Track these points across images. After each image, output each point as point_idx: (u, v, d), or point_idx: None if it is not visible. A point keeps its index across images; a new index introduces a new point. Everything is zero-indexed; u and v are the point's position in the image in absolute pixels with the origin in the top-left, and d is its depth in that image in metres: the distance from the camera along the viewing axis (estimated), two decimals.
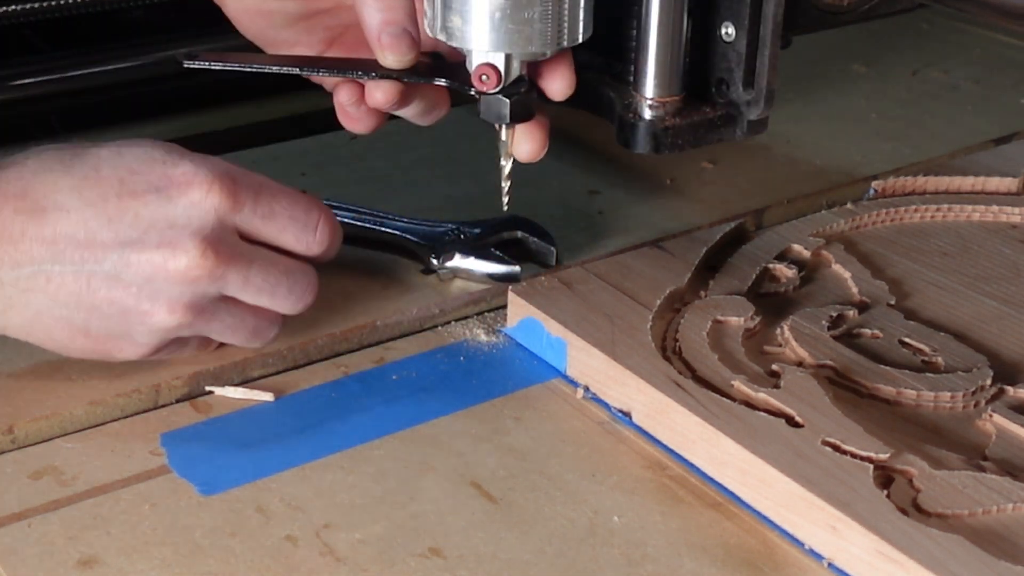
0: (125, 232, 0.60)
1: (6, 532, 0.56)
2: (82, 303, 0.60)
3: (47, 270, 0.60)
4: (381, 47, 0.65)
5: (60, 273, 0.60)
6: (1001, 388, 0.65)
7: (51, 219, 0.60)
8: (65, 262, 0.60)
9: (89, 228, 0.60)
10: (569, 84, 0.66)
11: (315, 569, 0.55)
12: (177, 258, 0.60)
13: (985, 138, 0.97)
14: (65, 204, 0.60)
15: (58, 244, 0.60)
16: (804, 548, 0.57)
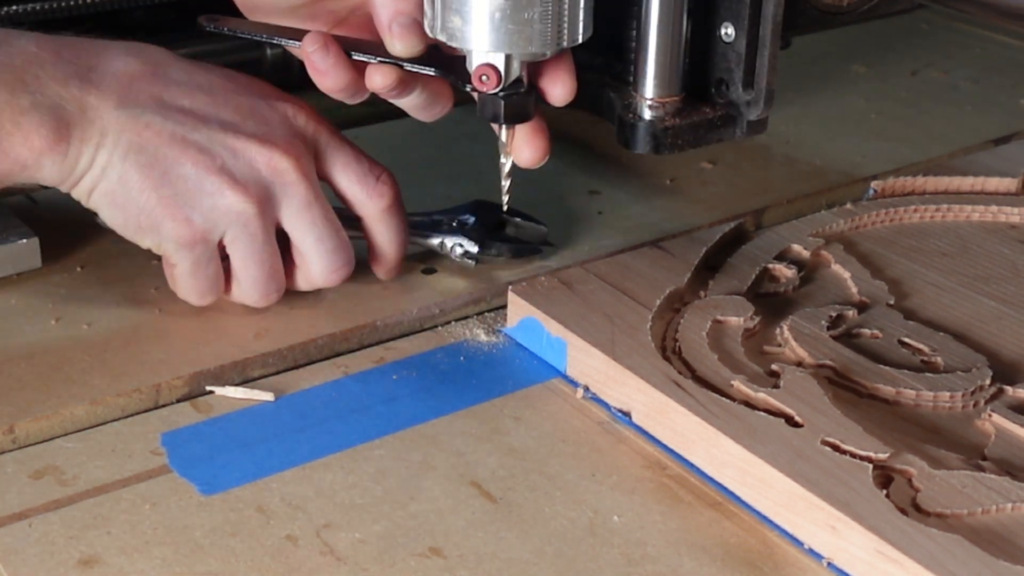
0: (228, 116, 0.66)
1: (7, 532, 0.56)
2: (170, 156, 0.65)
3: (149, 119, 0.65)
4: (391, 35, 0.65)
5: (160, 124, 0.65)
6: (1000, 388, 0.65)
7: (164, 83, 0.66)
8: (168, 119, 0.65)
9: (196, 101, 0.66)
10: (570, 90, 0.66)
11: (315, 568, 0.55)
12: (266, 148, 0.66)
13: (984, 138, 0.97)
14: (179, 78, 0.66)
15: (164, 102, 0.65)
16: (804, 548, 0.57)
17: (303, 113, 0.69)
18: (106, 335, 0.69)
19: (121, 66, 0.66)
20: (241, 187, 0.66)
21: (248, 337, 0.69)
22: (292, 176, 0.67)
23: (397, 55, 0.66)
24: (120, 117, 0.65)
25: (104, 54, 0.66)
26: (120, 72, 0.66)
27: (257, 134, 0.67)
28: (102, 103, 0.65)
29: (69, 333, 0.69)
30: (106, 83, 0.65)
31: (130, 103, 0.65)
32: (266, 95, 0.69)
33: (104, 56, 0.66)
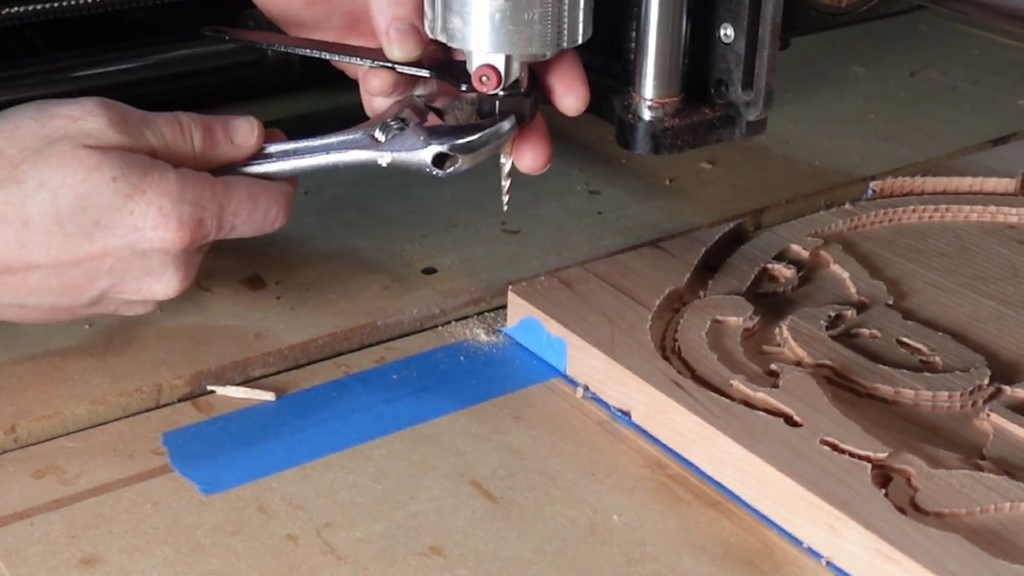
0: (101, 281, 0.62)
1: (8, 531, 0.56)
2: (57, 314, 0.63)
3: (18, 303, 0.61)
4: (388, 41, 0.65)
5: (34, 305, 0.62)
6: (999, 387, 0.66)
7: (15, 273, 0.60)
8: (40, 299, 0.61)
9: (63, 279, 0.61)
10: (583, 99, 0.67)
11: (316, 568, 0.55)
12: (152, 295, 0.63)
13: (983, 139, 0.97)
14: (32, 259, 0.60)
15: (30, 287, 0.61)
16: (803, 547, 0.57)
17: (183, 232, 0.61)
18: (107, 335, 0.69)
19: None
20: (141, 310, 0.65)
21: (249, 337, 0.69)
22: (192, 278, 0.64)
23: (394, 60, 0.66)
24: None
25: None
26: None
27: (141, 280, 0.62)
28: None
29: (70, 333, 0.69)
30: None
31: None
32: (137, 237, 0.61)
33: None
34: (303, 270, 0.76)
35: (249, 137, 0.66)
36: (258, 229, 0.65)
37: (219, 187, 0.63)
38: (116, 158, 0.60)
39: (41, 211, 0.60)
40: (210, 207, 0.62)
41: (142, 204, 0.60)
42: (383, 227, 0.81)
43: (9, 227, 0.60)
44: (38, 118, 0.61)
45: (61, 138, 0.60)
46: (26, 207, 0.60)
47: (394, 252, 0.78)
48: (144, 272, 0.62)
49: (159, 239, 0.61)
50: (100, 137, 0.61)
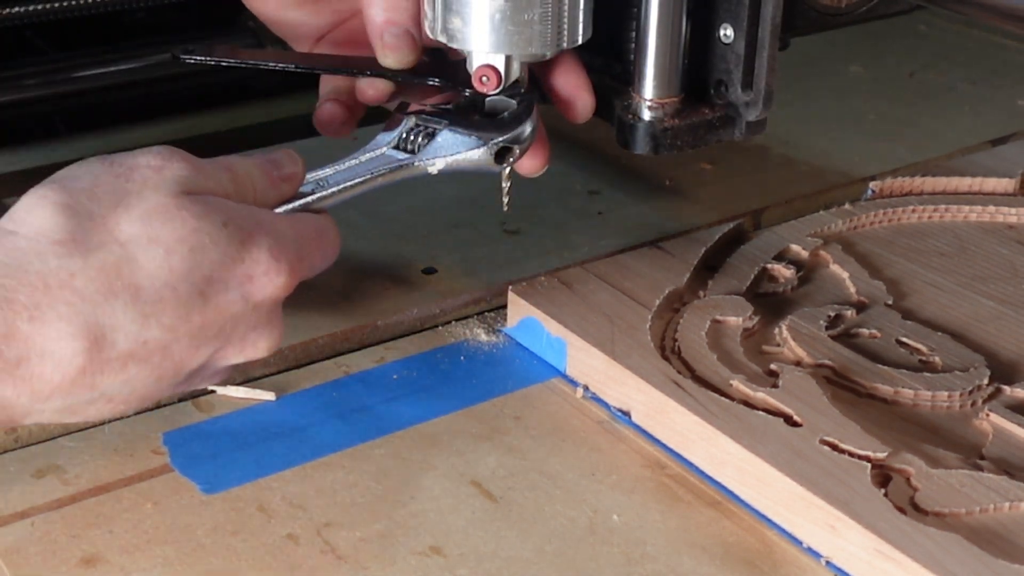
0: (209, 345, 0.55)
1: (9, 531, 0.57)
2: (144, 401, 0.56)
3: (111, 395, 0.54)
4: (383, 46, 0.65)
5: (128, 394, 0.55)
6: (998, 387, 0.66)
7: (121, 352, 0.53)
8: (136, 386, 0.54)
9: (169, 352, 0.54)
10: (588, 108, 0.67)
11: (316, 567, 0.55)
12: (255, 353, 0.58)
13: (982, 139, 0.97)
14: (140, 335, 0.53)
15: (128, 373, 0.53)
16: (802, 547, 0.57)
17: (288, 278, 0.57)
18: None
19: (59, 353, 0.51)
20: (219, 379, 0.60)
21: None
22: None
23: (388, 67, 0.66)
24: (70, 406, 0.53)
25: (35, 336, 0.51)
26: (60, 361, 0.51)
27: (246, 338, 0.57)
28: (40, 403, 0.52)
29: None
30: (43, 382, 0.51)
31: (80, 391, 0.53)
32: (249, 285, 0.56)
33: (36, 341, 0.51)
34: None
35: (295, 170, 0.62)
36: (326, 264, 0.61)
37: (299, 225, 0.59)
38: (218, 203, 0.56)
39: (152, 274, 0.53)
40: (305, 246, 0.59)
41: (253, 249, 0.56)
42: (383, 227, 0.81)
43: (117, 300, 0.52)
44: (115, 172, 0.54)
45: (154, 189, 0.54)
46: (135, 272, 0.52)
47: (394, 252, 0.78)
48: (250, 327, 0.57)
49: (272, 285, 0.56)
50: (192, 183, 0.55)
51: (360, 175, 0.63)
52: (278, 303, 0.58)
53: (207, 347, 0.55)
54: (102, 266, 0.52)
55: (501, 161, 0.64)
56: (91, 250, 0.52)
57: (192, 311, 0.54)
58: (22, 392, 0.51)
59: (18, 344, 0.50)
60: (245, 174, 0.59)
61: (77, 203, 0.53)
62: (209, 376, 0.59)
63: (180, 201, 0.54)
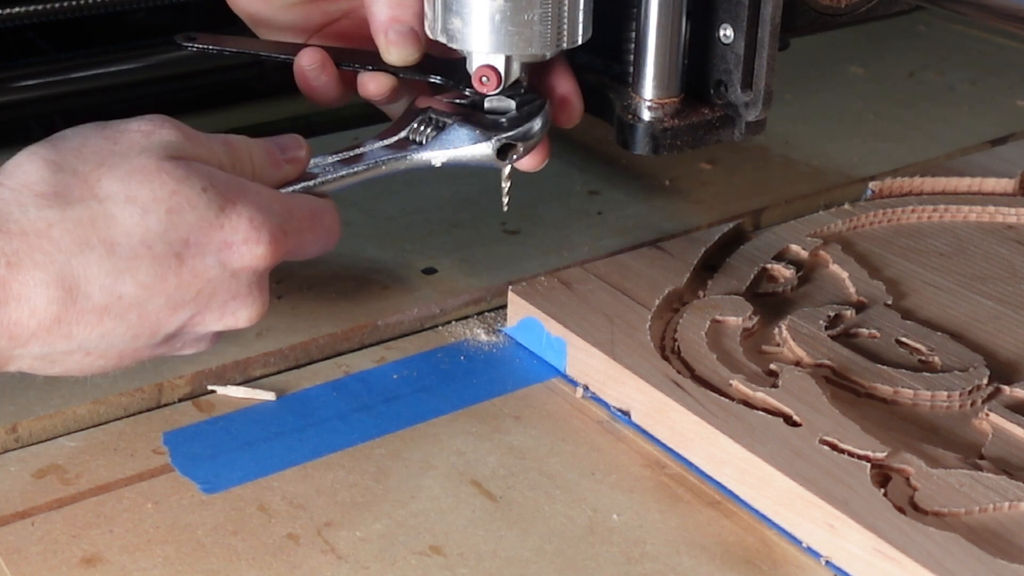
0: (185, 308, 0.56)
1: (10, 530, 0.57)
2: (121, 361, 0.57)
3: (88, 348, 0.55)
4: (387, 43, 0.65)
5: (105, 348, 0.55)
6: (997, 387, 0.66)
7: (96, 304, 0.53)
8: (113, 341, 0.55)
9: (145, 311, 0.55)
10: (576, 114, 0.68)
11: (316, 567, 0.55)
12: (235, 322, 0.58)
13: (981, 139, 0.97)
14: (115, 289, 0.53)
15: (104, 326, 0.54)
16: (802, 546, 0.57)
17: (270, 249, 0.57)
18: None
19: (35, 299, 0.52)
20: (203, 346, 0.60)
21: (250, 337, 0.69)
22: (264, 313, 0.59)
23: (392, 63, 0.66)
24: (48, 354, 0.54)
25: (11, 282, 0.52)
26: (36, 307, 0.52)
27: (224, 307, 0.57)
28: (19, 347, 0.53)
29: None
30: (20, 327, 0.53)
31: (57, 340, 0.54)
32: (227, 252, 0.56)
33: (12, 285, 0.52)
34: (304, 270, 0.76)
35: (300, 154, 0.62)
36: (322, 248, 0.61)
37: (290, 202, 0.59)
38: (202, 168, 0.56)
39: (128, 231, 0.53)
40: (291, 221, 0.58)
41: (232, 216, 0.56)
42: (383, 227, 0.81)
43: (92, 252, 0.53)
44: (105, 135, 0.56)
45: (139, 152, 0.55)
46: (111, 228, 0.53)
47: (394, 252, 0.78)
48: (230, 295, 0.57)
49: (250, 254, 0.56)
50: (180, 149, 0.56)
51: (364, 163, 0.63)
52: (260, 274, 0.57)
53: (183, 310, 0.56)
54: (79, 219, 0.53)
55: (503, 158, 0.64)
56: (70, 203, 0.53)
57: (167, 271, 0.54)
58: (1, 335, 0.52)
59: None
60: (244, 149, 0.60)
61: (63, 160, 0.54)
62: (191, 342, 0.59)
63: (161, 164, 0.55)
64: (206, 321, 0.57)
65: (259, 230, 0.56)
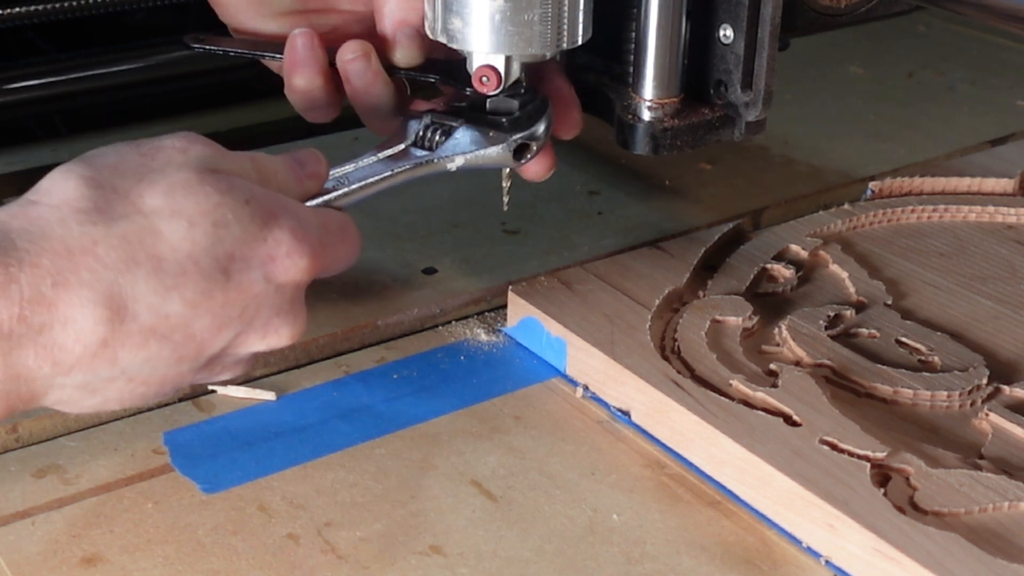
0: (231, 326, 0.54)
1: (10, 530, 0.57)
2: (161, 390, 0.55)
3: (131, 374, 0.53)
4: (394, 43, 0.65)
5: (148, 374, 0.53)
6: (997, 387, 0.66)
7: (143, 325, 0.52)
8: (157, 366, 0.53)
9: (191, 330, 0.53)
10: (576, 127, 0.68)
11: (317, 567, 0.55)
12: (277, 340, 0.57)
13: (981, 139, 0.97)
14: (162, 308, 0.52)
15: (150, 350, 0.52)
16: (802, 546, 0.57)
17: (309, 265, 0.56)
18: None
19: (81, 321, 0.50)
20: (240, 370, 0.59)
21: None
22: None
23: (396, 64, 0.66)
24: (90, 383, 0.52)
25: (58, 303, 0.50)
26: (81, 330, 0.50)
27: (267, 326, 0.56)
28: (60, 376, 0.51)
29: None
30: (64, 352, 0.50)
31: (101, 366, 0.52)
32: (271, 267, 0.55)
33: (58, 307, 0.50)
34: None
35: (320, 169, 0.61)
36: (347, 262, 0.60)
37: (323, 216, 0.59)
38: (242, 182, 0.55)
39: (175, 246, 0.52)
40: (326, 235, 0.58)
41: (275, 230, 0.55)
42: (383, 227, 0.81)
43: (139, 270, 0.51)
44: (141, 151, 0.55)
45: (178, 167, 0.54)
46: (158, 243, 0.52)
47: (394, 252, 0.78)
48: (274, 312, 0.55)
49: (294, 268, 0.55)
50: (216, 163, 0.55)
51: (381, 172, 0.63)
52: (300, 288, 0.57)
53: (229, 328, 0.54)
54: (124, 235, 0.51)
55: (519, 158, 0.64)
56: (114, 219, 0.52)
57: (214, 287, 0.53)
58: (44, 362, 0.50)
59: (42, 310, 0.49)
60: (270, 166, 0.59)
61: (101, 176, 0.53)
62: (231, 365, 0.57)
63: (203, 176, 0.54)
64: (249, 341, 0.56)
65: (301, 243, 0.55)
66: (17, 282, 0.49)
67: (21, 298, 0.49)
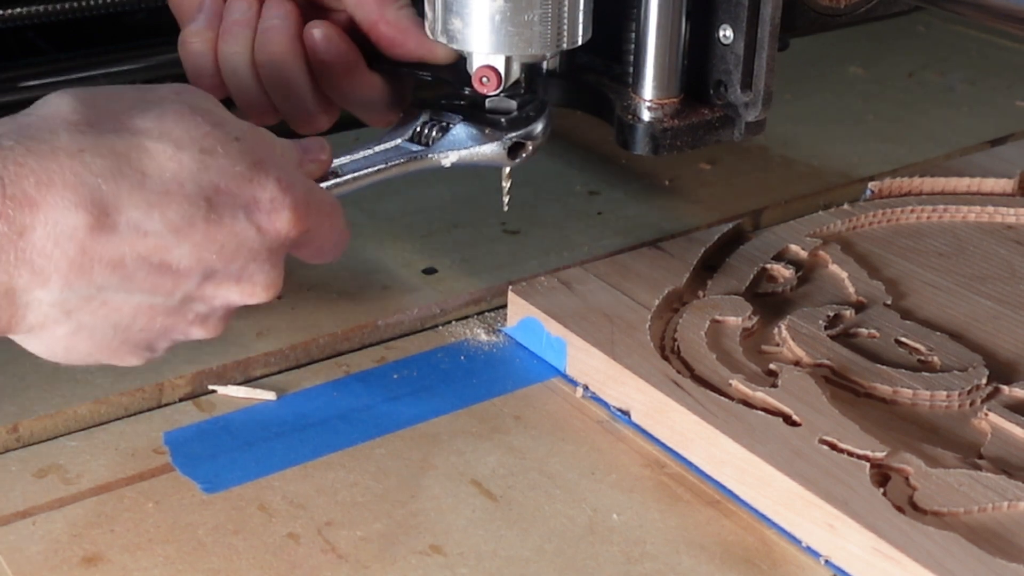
0: (208, 262, 0.53)
1: (11, 530, 0.57)
2: (132, 328, 0.53)
3: (106, 296, 0.51)
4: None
5: (122, 301, 0.52)
6: (996, 387, 0.66)
7: (123, 239, 0.50)
8: (132, 290, 0.52)
9: (169, 256, 0.52)
10: None
11: (317, 566, 0.55)
12: (252, 292, 0.55)
13: (981, 139, 0.97)
14: (142, 224, 0.51)
15: (127, 269, 0.51)
16: (802, 546, 0.58)
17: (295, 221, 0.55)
18: None
19: (63, 224, 0.49)
20: (219, 327, 0.56)
21: (250, 337, 0.69)
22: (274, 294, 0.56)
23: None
24: (67, 300, 0.51)
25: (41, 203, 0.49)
26: (61, 234, 0.49)
27: (243, 275, 0.54)
28: (38, 287, 0.50)
29: None
30: (43, 257, 0.49)
31: (78, 280, 0.50)
32: (255, 210, 0.54)
33: (40, 208, 0.49)
34: (304, 270, 0.75)
35: (324, 157, 0.61)
36: (332, 249, 0.59)
37: (311, 183, 0.57)
38: (237, 121, 0.54)
39: (161, 165, 0.51)
40: (313, 197, 0.56)
41: (262, 173, 0.53)
42: (383, 227, 0.81)
43: (123, 180, 0.50)
44: (138, 89, 0.54)
45: (172, 101, 0.54)
46: (143, 159, 0.51)
47: (394, 252, 0.78)
48: (251, 257, 0.54)
49: (277, 216, 0.54)
50: (213, 107, 0.55)
51: (375, 164, 0.63)
52: (281, 242, 0.55)
53: (206, 264, 0.53)
54: (112, 147, 0.51)
55: (514, 157, 0.65)
56: (103, 132, 0.51)
57: (196, 216, 0.52)
58: (23, 268, 0.49)
59: (24, 210, 0.49)
60: (271, 137, 0.58)
61: (95, 99, 0.53)
62: (204, 317, 0.55)
63: (196, 109, 0.54)
64: (224, 286, 0.54)
65: (286, 193, 0.54)
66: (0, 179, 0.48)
67: (3, 195, 0.48)
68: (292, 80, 0.67)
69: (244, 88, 0.68)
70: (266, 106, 0.68)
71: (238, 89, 0.68)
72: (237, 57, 0.67)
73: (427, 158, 0.64)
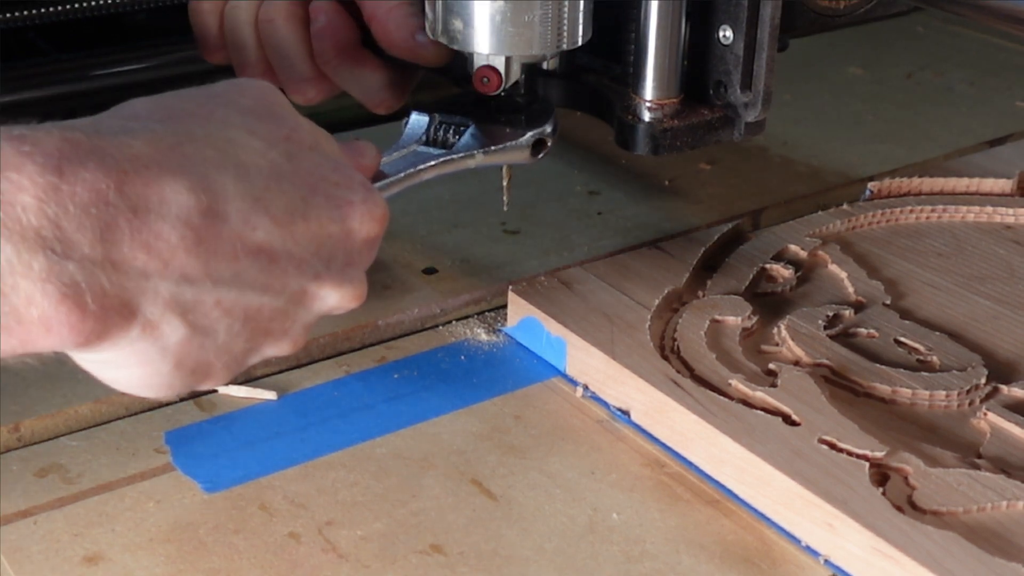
0: (311, 262, 0.50)
1: (12, 529, 0.57)
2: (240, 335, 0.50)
3: (220, 294, 0.48)
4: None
5: (234, 300, 0.48)
6: (996, 387, 0.66)
7: (233, 230, 0.47)
8: (244, 288, 0.48)
9: (276, 252, 0.49)
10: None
11: (318, 566, 0.56)
12: (350, 295, 0.53)
13: (980, 140, 0.98)
14: (251, 217, 0.48)
15: (240, 263, 0.48)
16: (801, 545, 0.58)
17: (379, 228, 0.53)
18: None
19: (176, 205, 0.46)
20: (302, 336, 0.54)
21: None
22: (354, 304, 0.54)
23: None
24: (182, 294, 0.47)
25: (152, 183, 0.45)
26: (177, 216, 0.46)
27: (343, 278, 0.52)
28: (154, 274, 0.46)
29: None
30: (159, 239, 0.45)
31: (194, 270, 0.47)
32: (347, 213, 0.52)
33: (153, 186, 0.45)
34: None
35: (373, 163, 0.59)
36: (372, 258, 0.56)
37: None
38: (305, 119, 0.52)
39: (256, 161, 0.48)
40: None
41: (347, 175, 0.51)
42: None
43: (228, 172, 0.47)
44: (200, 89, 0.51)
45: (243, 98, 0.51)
46: (239, 153, 0.48)
47: (394, 252, 0.79)
48: (346, 260, 0.51)
49: (369, 219, 0.51)
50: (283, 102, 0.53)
51: (403, 169, 0.63)
52: (369, 245, 0.53)
53: (310, 265, 0.50)
54: (208, 139, 0.48)
55: (536, 153, 0.65)
56: (194, 125, 0.48)
57: (295, 213, 0.49)
58: (138, 248, 0.45)
59: (139, 184, 0.45)
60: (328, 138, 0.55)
61: (164, 99, 0.50)
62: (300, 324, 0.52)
63: (274, 108, 0.51)
64: (326, 288, 0.51)
65: (374, 196, 0.52)
66: (112, 155, 0.44)
67: (118, 168, 0.44)
68: (288, 44, 0.67)
69: (242, 45, 0.68)
70: (263, 67, 0.68)
71: (236, 46, 0.68)
72: (241, 13, 0.67)
73: (456, 160, 0.64)
